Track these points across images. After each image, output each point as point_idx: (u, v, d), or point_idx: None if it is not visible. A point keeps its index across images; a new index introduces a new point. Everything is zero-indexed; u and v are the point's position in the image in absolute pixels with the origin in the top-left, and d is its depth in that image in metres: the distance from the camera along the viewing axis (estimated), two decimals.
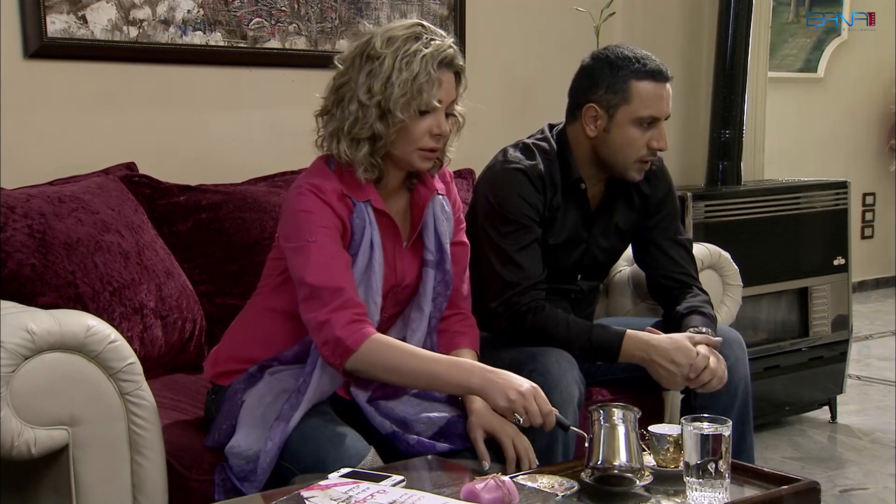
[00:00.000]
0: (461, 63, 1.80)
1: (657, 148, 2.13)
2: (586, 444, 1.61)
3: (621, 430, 1.58)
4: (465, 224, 2.00)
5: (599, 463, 1.58)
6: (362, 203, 1.79)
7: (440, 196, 1.90)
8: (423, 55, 1.73)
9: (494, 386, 1.68)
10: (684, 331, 2.08)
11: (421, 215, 1.88)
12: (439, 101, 1.76)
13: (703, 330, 2.09)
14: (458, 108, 1.84)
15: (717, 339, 2.06)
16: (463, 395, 1.83)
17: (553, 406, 1.70)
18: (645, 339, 2.04)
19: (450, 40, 1.79)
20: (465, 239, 1.98)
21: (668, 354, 2.00)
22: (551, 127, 2.25)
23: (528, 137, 2.24)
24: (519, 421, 1.67)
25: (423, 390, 1.84)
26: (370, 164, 1.78)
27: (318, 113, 1.84)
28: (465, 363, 1.76)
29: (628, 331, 2.05)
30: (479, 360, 1.89)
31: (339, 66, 1.81)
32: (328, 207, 1.76)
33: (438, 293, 1.90)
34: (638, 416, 1.61)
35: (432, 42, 1.75)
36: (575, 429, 1.72)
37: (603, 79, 2.12)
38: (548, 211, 2.17)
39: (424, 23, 1.79)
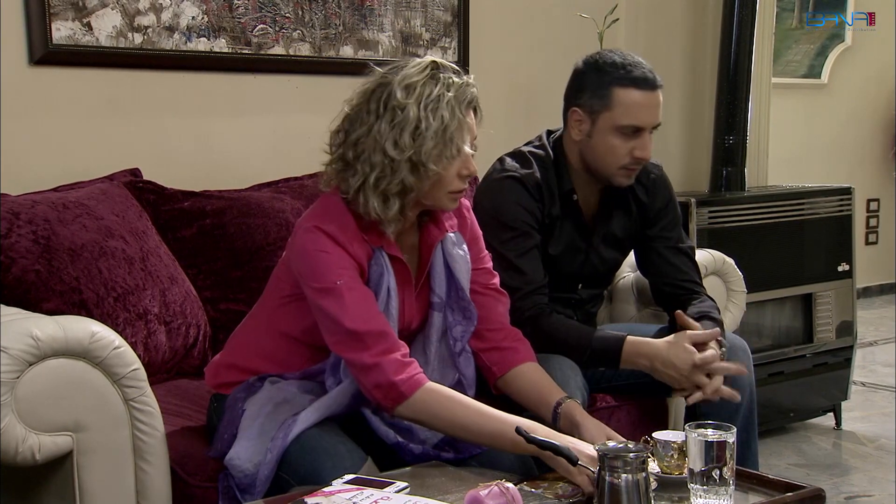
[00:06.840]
0: (478, 99, 1.76)
1: (639, 158, 2.09)
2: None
3: (624, 483, 1.42)
4: (486, 252, 1.94)
5: None
6: (378, 249, 1.76)
7: (451, 234, 1.85)
8: (448, 100, 1.69)
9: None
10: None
11: (429, 254, 1.84)
12: (468, 144, 1.73)
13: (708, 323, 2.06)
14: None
15: (715, 330, 2.02)
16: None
17: None
18: (645, 344, 2.02)
19: (467, 78, 1.74)
20: (489, 265, 1.94)
21: (668, 359, 1.99)
22: (549, 133, 2.25)
23: (526, 145, 2.24)
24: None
25: (479, 445, 1.75)
26: (398, 220, 1.74)
27: (328, 163, 1.77)
28: (525, 424, 1.64)
29: (628, 337, 2.05)
30: None
31: (349, 111, 1.75)
32: (344, 251, 1.72)
33: (462, 332, 1.85)
34: (646, 456, 1.46)
35: (452, 82, 1.71)
36: (582, 465, 1.56)
37: (589, 83, 2.10)
38: (546, 219, 2.16)
39: (437, 59, 1.75)
